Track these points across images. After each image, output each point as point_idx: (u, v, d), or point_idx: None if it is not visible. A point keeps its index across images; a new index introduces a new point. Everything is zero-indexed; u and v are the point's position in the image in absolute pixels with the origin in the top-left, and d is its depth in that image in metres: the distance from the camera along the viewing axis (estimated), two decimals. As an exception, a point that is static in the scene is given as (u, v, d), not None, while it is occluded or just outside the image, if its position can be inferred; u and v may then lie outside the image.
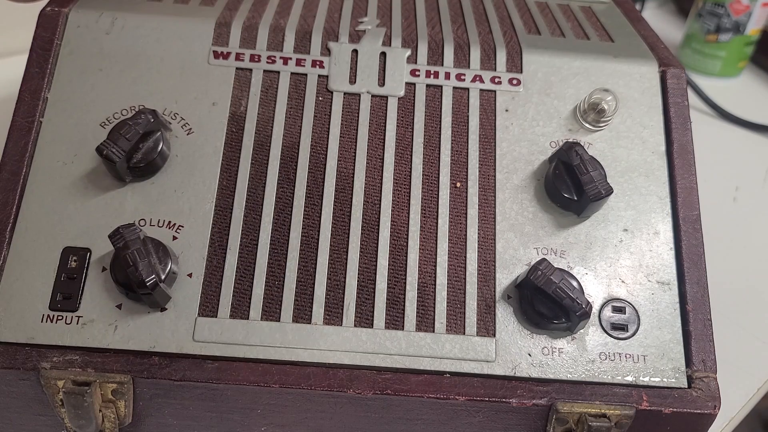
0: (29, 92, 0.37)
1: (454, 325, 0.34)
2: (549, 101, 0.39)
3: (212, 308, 0.34)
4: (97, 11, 0.39)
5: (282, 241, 0.35)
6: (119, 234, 0.32)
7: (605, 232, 0.37)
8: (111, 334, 0.33)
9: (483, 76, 0.39)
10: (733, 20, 0.73)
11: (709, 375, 0.34)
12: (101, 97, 0.37)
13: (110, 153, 0.33)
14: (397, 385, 0.33)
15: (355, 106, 0.38)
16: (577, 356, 0.34)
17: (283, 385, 0.33)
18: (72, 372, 0.32)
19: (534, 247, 0.36)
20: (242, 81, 0.38)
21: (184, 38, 0.39)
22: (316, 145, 0.37)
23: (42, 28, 0.38)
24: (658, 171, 0.38)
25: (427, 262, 0.35)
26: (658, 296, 0.36)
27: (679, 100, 0.39)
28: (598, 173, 0.35)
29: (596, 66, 0.40)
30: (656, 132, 0.39)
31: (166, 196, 0.35)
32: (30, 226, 0.34)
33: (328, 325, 0.34)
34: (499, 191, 0.37)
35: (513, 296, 0.35)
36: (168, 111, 0.37)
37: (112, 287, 0.33)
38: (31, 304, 0.33)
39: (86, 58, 0.38)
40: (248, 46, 0.39)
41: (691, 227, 0.37)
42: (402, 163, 0.37)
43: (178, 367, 0.33)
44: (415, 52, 0.40)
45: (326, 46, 0.39)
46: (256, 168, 0.36)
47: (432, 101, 0.38)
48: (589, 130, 0.39)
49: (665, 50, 0.42)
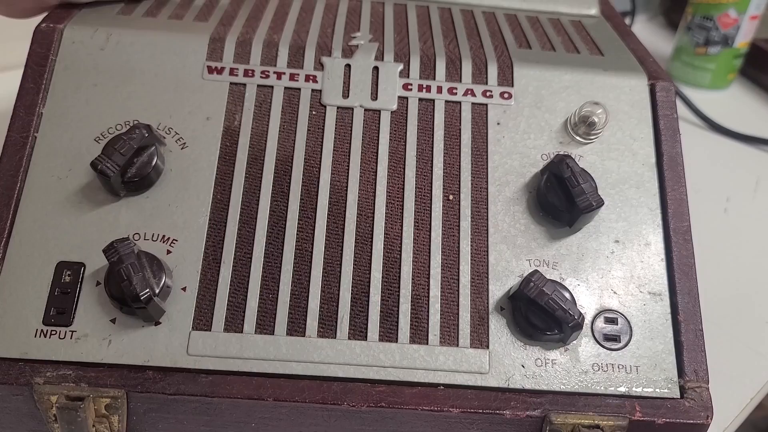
0: (24, 108, 0.37)
1: (447, 337, 0.34)
2: (540, 114, 0.39)
3: (206, 322, 0.34)
4: (92, 27, 0.39)
5: (276, 254, 0.35)
6: (113, 248, 0.32)
7: (597, 243, 0.37)
8: (105, 348, 0.33)
9: (474, 89, 0.40)
10: (721, 33, 0.74)
11: (702, 385, 0.34)
12: (96, 112, 0.37)
13: (105, 168, 0.33)
14: (391, 397, 0.33)
15: (348, 120, 0.38)
16: (570, 367, 0.34)
17: (277, 398, 0.33)
18: (65, 387, 0.32)
19: (526, 259, 0.36)
20: (236, 95, 0.38)
21: (179, 54, 0.39)
22: (309, 158, 0.37)
23: (37, 44, 0.38)
24: (649, 183, 0.38)
25: (421, 275, 0.35)
26: (650, 307, 0.36)
27: (669, 113, 0.40)
28: (589, 185, 0.35)
29: (586, 79, 0.41)
30: (646, 144, 0.39)
31: (161, 211, 0.36)
32: (24, 240, 0.35)
33: (322, 338, 0.34)
34: (492, 204, 0.37)
35: (506, 308, 0.35)
36: (162, 126, 0.37)
37: (106, 301, 0.33)
38: (25, 319, 0.33)
39: (81, 73, 0.38)
40: (242, 61, 0.39)
41: (681, 238, 0.37)
42: (395, 177, 0.37)
43: (172, 381, 0.33)
44: (408, 66, 0.40)
45: (319, 61, 0.40)
46: (250, 182, 0.36)
47: (424, 115, 0.39)
48: (579, 143, 0.39)
49: (654, 63, 0.42)
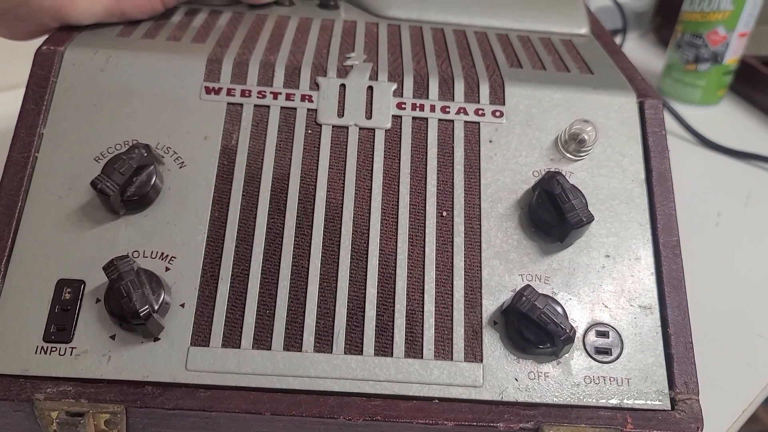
0: (25, 128, 0.38)
1: (442, 351, 0.35)
2: (531, 132, 0.40)
3: (204, 338, 0.34)
4: (92, 49, 0.40)
5: (273, 270, 0.36)
6: (113, 265, 0.32)
7: (588, 258, 0.38)
8: (105, 364, 0.33)
9: (467, 108, 0.40)
10: (711, 50, 0.76)
11: (692, 397, 0.35)
12: (96, 133, 0.38)
13: (104, 187, 0.34)
14: (386, 411, 0.34)
15: (343, 139, 0.39)
16: (562, 380, 0.35)
17: (275, 412, 0.33)
18: (65, 403, 0.32)
19: (519, 274, 0.37)
20: (233, 115, 0.39)
21: (177, 75, 0.40)
22: (305, 176, 0.38)
23: (38, 66, 0.39)
24: (638, 198, 0.39)
25: (415, 290, 0.36)
26: (641, 320, 0.36)
27: (657, 130, 0.41)
28: (579, 201, 0.36)
29: (576, 98, 0.41)
30: (635, 161, 0.40)
31: (159, 228, 0.36)
32: (25, 258, 0.35)
33: (318, 352, 0.34)
34: (485, 220, 0.38)
35: (499, 322, 0.36)
36: (161, 145, 0.38)
37: (105, 318, 0.34)
38: (26, 336, 0.34)
39: (81, 94, 0.39)
40: (239, 81, 0.40)
41: (671, 252, 0.38)
42: (389, 194, 0.38)
43: (171, 396, 0.33)
44: (401, 85, 0.41)
45: (315, 81, 0.40)
46: (247, 199, 0.37)
47: (418, 133, 0.40)
48: (570, 160, 0.40)
49: (643, 81, 0.43)
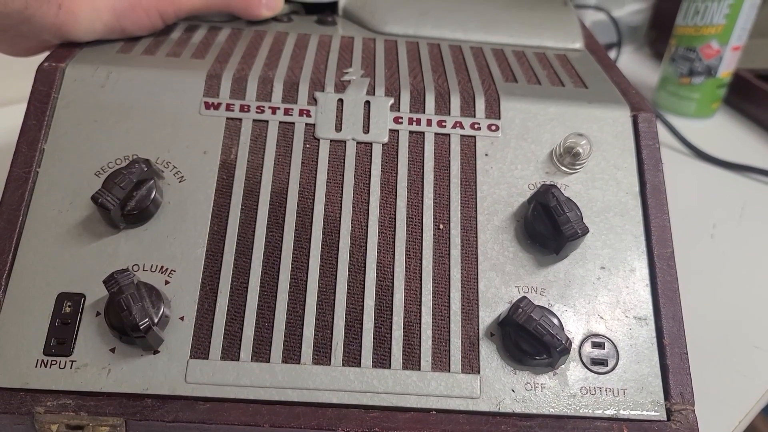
0: (26, 144, 0.38)
1: (439, 363, 0.35)
2: (526, 146, 0.41)
3: (204, 350, 0.34)
4: (93, 65, 0.41)
5: (271, 283, 0.36)
6: (113, 279, 0.33)
7: (583, 270, 0.38)
8: (104, 377, 0.34)
9: (463, 122, 0.41)
10: (704, 64, 0.76)
11: (688, 407, 0.35)
12: (96, 148, 0.39)
13: (105, 201, 0.35)
14: (384, 422, 0.34)
15: (341, 153, 0.40)
16: (559, 391, 0.35)
17: (274, 425, 0.33)
18: (65, 416, 0.33)
19: (515, 286, 0.37)
20: (232, 130, 0.40)
21: (176, 90, 0.40)
22: (303, 190, 0.38)
23: (39, 82, 0.40)
24: (633, 211, 0.40)
25: (413, 302, 0.36)
26: (636, 331, 0.37)
27: (651, 143, 0.41)
28: (574, 214, 0.36)
29: (571, 111, 0.42)
30: (630, 173, 0.41)
31: (159, 242, 0.37)
32: (26, 272, 0.35)
33: (316, 364, 0.35)
34: (481, 232, 0.38)
35: (496, 333, 0.36)
36: (161, 160, 0.38)
37: (105, 331, 0.34)
38: (26, 349, 0.34)
39: (82, 110, 0.39)
40: (238, 96, 0.40)
41: (665, 264, 0.38)
42: (387, 207, 0.38)
43: (170, 408, 0.33)
44: (398, 100, 0.41)
45: (313, 96, 0.41)
46: (245, 213, 0.37)
47: (415, 147, 0.40)
48: (565, 173, 0.40)
49: (636, 95, 0.44)
